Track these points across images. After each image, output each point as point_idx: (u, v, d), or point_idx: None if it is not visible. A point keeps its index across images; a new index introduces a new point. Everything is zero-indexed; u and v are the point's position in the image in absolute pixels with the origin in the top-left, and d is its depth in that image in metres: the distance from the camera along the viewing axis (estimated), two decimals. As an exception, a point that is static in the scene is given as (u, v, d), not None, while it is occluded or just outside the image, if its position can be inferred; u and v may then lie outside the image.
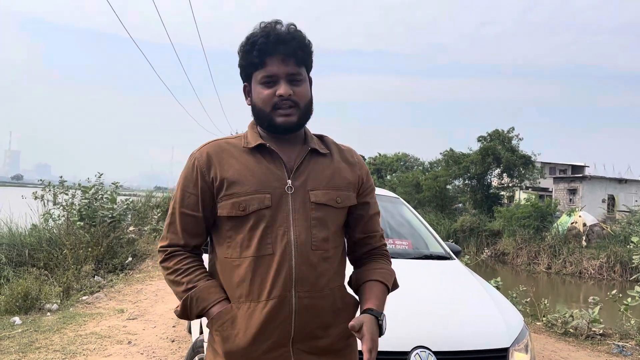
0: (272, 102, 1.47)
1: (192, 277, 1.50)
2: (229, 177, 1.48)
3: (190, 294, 1.47)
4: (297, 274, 1.43)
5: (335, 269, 1.53)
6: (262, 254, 1.43)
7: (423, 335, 2.37)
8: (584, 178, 32.61)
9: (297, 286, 1.43)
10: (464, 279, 3.23)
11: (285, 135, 1.54)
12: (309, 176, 1.51)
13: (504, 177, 30.32)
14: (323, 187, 1.51)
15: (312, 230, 1.47)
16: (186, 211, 1.52)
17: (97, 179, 10.62)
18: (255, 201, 1.44)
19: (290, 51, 1.47)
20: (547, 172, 38.53)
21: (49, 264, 7.74)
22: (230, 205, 1.46)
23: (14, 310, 5.79)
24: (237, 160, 1.51)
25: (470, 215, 26.94)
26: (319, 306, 1.46)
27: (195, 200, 1.51)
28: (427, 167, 40.31)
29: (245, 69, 1.54)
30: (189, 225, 1.53)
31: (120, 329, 5.21)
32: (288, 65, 1.47)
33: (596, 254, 19.89)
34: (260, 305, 1.42)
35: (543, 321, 6.77)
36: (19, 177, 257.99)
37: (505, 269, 21.31)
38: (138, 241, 11.24)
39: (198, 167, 1.51)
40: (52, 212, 10.41)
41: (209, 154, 1.52)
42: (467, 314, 2.75)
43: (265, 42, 1.45)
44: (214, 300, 1.47)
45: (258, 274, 1.43)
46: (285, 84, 1.47)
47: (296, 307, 1.43)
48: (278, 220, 1.44)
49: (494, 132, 30.09)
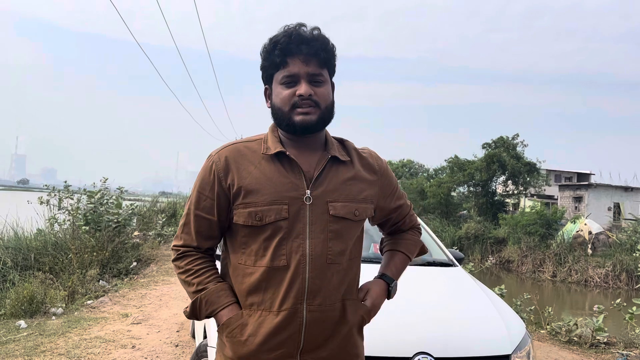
0: (291, 102, 1.45)
1: (203, 278, 1.50)
2: (246, 185, 1.45)
3: (200, 296, 1.48)
4: (310, 287, 1.42)
5: (351, 282, 1.53)
6: (276, 265, 1.41)
7: (425, 341, 2.38)
8: (590, 186, 32.47)
9: (309, 299, 1.42)
10: (467, 285, 3.24)
11: (304, 136, 1.50)
12: (329, 186, 1.48)
13: (508, 184, 30.26)
14: (342, 199, 1.48)
15: (329, 243, 1.44)
16: (201, 214, 1.51)
17: (102, 184, 10.66)
18: (272, 212, 1.42)
19: (312, 51, 1.45)
20: (553, 180, 38.39)
21: (54, 268, 7.78)
22: (247, 214, 1.44)
23: (19, 314, 5.82)
24: (256, 168, 1.48)
25: (475, 223, 26.87)
26: (329, 318, 1.45)
27: (210, 204, 1.50)
28: (432, 173, 40.28)
29: (267, 70, 1.51)
30: (203, 228, 1.52)
31: (125, 333, 5.23)
32: (309, 66, 1.45)
33: (602, 262, 19.80)
34: (272, 316, 1.41)
35: (547, 329, 6.74)
36: (25, 182, 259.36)
37: (510, 277, 21.22)
38: (143, 246, 11.28)
39: (215, 172, 1.49)
40: (58, 217, 10.47)
41: (227, 158, 1.49)
42: (469, 320, 2.76)
43: (288, 41, 1.44)
44: (224, 304, 1.46)
45: (271, 285, 1.42)
46: (306, 84, 1.44)
47: (307, 320, 1.42)
48: (294, 232, 1.42)
49: (499, 139, 30.08)
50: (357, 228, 1.53)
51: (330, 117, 1.52)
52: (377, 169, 1.61)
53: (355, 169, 1.56)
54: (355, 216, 1.49)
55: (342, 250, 1.47)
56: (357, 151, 1.62)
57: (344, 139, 1.63)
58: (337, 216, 1.46)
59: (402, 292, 2.89)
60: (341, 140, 1.62)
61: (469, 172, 29.59)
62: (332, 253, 1.45)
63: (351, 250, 1.52)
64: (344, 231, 1.48)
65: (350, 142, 1.63)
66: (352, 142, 1.64)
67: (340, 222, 1.47)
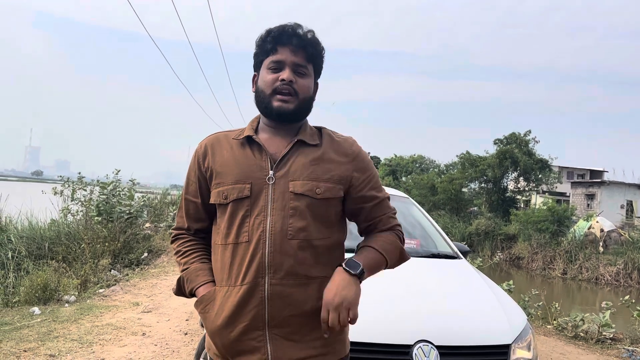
0: (273, 86, 1.55)
1: (189, 259, 1.64)
2: (217, 167, 1.59)
3: (182, 275, 1.63)
4: (269, 261, 1.46)
5: (318, 259, 1.53)
6: (240, 241, 1.50)
7: (426, 330, 2.43)
8: (603, 183, 32.18)
9: (270, 273, 1.46)
10: (469, 277, 3.28)
11: (280, 123, 1.59)
12: (292, 167, 1.54)
13: (520, 181, 30.06)
14: (303, 177, 1.53)
15: (289, 220, 1.49)
16: (189, 197, 1.67)
17: (114, 176, 10.81)
18: (235, 191, 1.52)
19: (302, 44, 1.55)
20: (565, 177, 38.10)
21: (67, 258, 7.93)
22: (217, 194, 1.56)
23: (33, 301, 5.96)
24: (227, 151, 1.60)
25: (486, 219, 26.72)
26: (294, 294, 1.48)
27: (195, 188, 1.65)
28: (443, 169, 40.11)
29: (258, 56, 1.62)
30: (191, 211, 1.68)
31: (135, 321, 5.34)
32: (297, 56, 1.55)
33: (613, 260, 19.64)
34: (235, 290, 1.48)
35: (554, 324, 6.75)
36: (38, 173, 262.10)
37: (520, 274, 21.13)
38: (154, 237, 11.42)
39: (197, 158, 1.65)
40: (71, 207, 10.64)
41: (206, 145, 1.64)
42: (470, 310, 2.80)
43: (281, 32, 1.55)
44: (201, 282, 1.58)
45: (236, 260, 1.50)
46: (290, 71, 1.54)
47: (268, 293, 1.46)
48: (256, 210, 1.50)
49: (511, 135, 29.88)
50: (322, 206, 1.53)
51: (308, 110, 1.62)
52: (350, 152, 1.63)
53: (322, 150, 1.59)
54: (316, 194, 1.52)
55: (304, 226, 1.50)
56: (331, 136, 1.66)
57: (322, 127, 1.69)
58: (297, 193, 1.51)
59: (405, 282, 2.96)
60: (319, 128, 1.69)
61: (480, 168, 29.42)
62: (293, 229, 1.49)
63: (318, 228, 1.53)
64: (305, 208, 1.51)
65: (327, 129, 1.69)
66: (330, 130, 1.70)
67: (301, 199, 1.51)
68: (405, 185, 37.44)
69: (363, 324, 1.73)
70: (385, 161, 48.85)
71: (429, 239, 4.05)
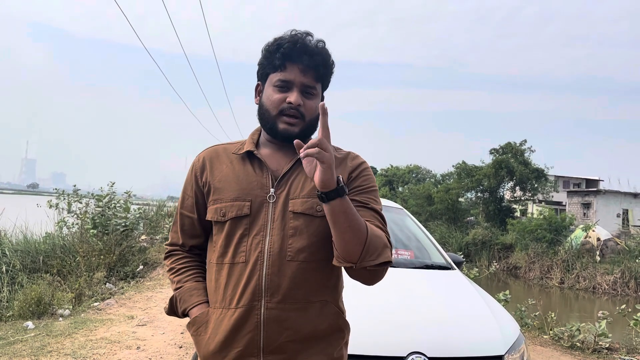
0: (280, 107, 1.47)
1: (182, 277, 1.57)
2: (215, 182, 1.52)
3: (175, 294, 1.55)
4: (267, 284, 1.39)
5: (319, 282, 1.45)
6: (237, 261, 1.43)
7: (418, 341, 2.43)
8: (599, 192, 32.29)
9: (267, 296, 1.39)
10: (463, 288, 3.28)
11: (283, 143, 1.53)
12: (292, 185, 1.48)
13: (516, 190, 30.16)
14: (303, 195, 1.46)
15: (289, 240, 1.42)
16: (184, 212, 1.60)
17: (109, 188, 10.79)
18: (234, 208, 1.46)
19: (312, 64, 1.47)
20: (561, 186, 38.23)
21: (62, 271, 7.89)
22: (214, 210, 1.49)
23: (27, 315, 5.92)
24: (227, 167, 1.54)
25: (483, 229, 26.77)
26: (292, 318, 1.40)
27: (191, 203, 1.58)
28: (439, 179, 40.20)
29: (264, 68, 1.53)
30: (187, 226, 1.61)
31: (130, 334, 5.31)
32: (306, 76, 1.47)
33: (610, 269, 19.67)
34: (230, 313, 1.41)
35: (550, 334, 6.74)
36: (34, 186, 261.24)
37: (518, 283, 21.12)
38: (149, 250, 11.38)
39: (194, 171, 1.58)
40: (67, 220, 10.61)
41: (204, 158, 1.58)
42: (463, 321, 2.80)
43: (292, 48, 1.45)
44: (194, 302, 1.50)
45: (231, 282, 1.43)
46: (298, 93, 1.47)
47: (264, 318, 1.39)
48: (255, 229, 1.44)
49: (507, 145, 30.03)
50: (322, 225, 1.43)
51: (313, 130, 1.53)
52: (350, 165, 1.56)
53: None
54: (317, 212, 1.45)
55: (304, 246, 1.43)
56: (339, 152, 1.61)
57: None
58: (297, 212, 1.45)
59: (398, 293, 2.96)
60: None
61: (476, 178, 29.53)
62: (292, 250, 1.42)
63: (319, 249, 1.44)
64: (305, 227, 1.44)
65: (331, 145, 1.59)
66: (333, 146, 1.58)
67: (300, 218, 1.45)
68: (402, 195, 37.50)
69: (356, 336, 1.73)
70: (382, 172, 48.95)
71: (423, 250, 4.06)
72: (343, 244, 1.32)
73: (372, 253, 1.34)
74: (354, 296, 2.18)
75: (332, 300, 1.49)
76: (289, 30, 1.50)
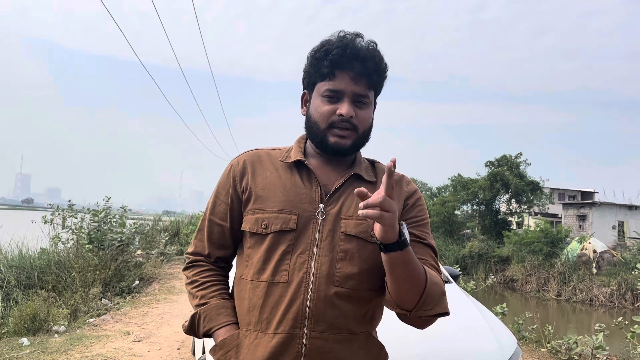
0: (330, 120, 1.34)
1: (207, 292, 1.40)
2: (258, 189, 1.37)
3: (200, 311, 1.37)
4: (311, 309, 1.26)
5: (363, 313, 1.33)
6: (277, 280, 1.29)
7: (416, 355, 2.44)
8: (594, 204, 32.40)
9: (310, 323, 1.26)
10: (460, 301, 3.29)
11: (334, 157, 1.41)
12: (345, 203, 1.35)
13: (512, 203, 30.26)
14: (357, 217, 1.31)
15: (337, 264, 1.29)
16: (215, 219, 1.44)
17: (105, 203, 10.77)
18: (279, 221, 1.31)
19: (364, 70, 1.34)
20: (556, 198, 38.34)
21: (57, 287, 7.84)
22: (254, 220, 1.35)
23: (22, 332, 5.88)
24: (272, 174, 1.40)
25: (479, 241, 26.82)
26: (336, 350, 1.27)
27: (224, 209, 1.43)
28: (435, 192, 40.29)
29: (310, 76, 1.40)
30: (215, 235, 1.45)
31: (126, 350, 5.27)
32: (358, 85, 1.34)
33: (607, 281, 19.71)
34: (267, 338, 1.27)
35: (547, 347, 6.73)
36: (29, 201, 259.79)
37: (515, 296, 21.11)
38: (145, 265, 11.33)
39: (232, 175, 1.43)
40: (61, 236, 10.57)
41: (245, 162, 1.43)
42: (460, 334, 2.80)
43: (341, 54, 1.32)
44: (222, 322, 1.35)
45: (269, 303, 1.28)
46: (349, 104, 1.33)
47: (306, 347, 1.25)
48: (300, 246, 1.30)
49: (502, 158, 30.19)
50: (375, 252, 1.29)
51: (365, 141, 1.41)
52: (405, 191, 1.44)
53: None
54: (371, 236, 1.32)
55: (353, 273, 1.30)
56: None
57: (376, 161, 1.51)
58: (349, 234, 1.32)
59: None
60: (372, 162, 1.50)
61: (472, 190, 29.65)
62: (341, 275, 1.29)
63: (369, 277, 1.32)
64: (356, 252, 1.31)
65: (382, 164, 1.50)
66: (384, 165, 1.49)
67: (353, 241, 1.32)
68: (398, 208, 37.44)
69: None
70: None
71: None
72: (399, 292, 1.24)
73: (429, 303, 1.25)
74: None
75: (374, 333, 1.42)
76: (337, 32, 1.37)
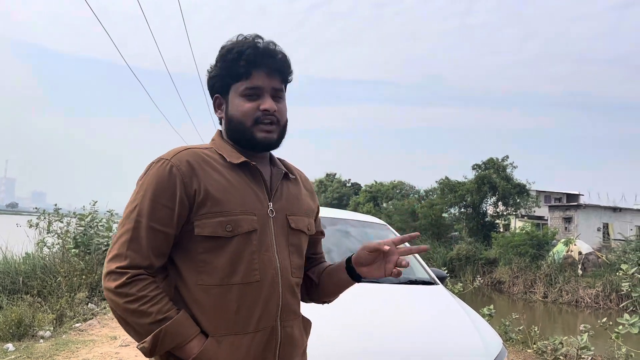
0: (254, 116, 1.38)
1: (161, 306, 1.25)
2: (213, 192, 1.31)
3: (163, 327, 1.23)
4: (283, 302, 1.35)
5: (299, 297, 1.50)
6: (249, 281, 1.30)
7: (403, 355, 2.45)
8: (579, 206, 32.78)
9: (282, 315, 1.35)
10: (446, 302, 3.32)
11: (260, 153, 1.45)
12: (286, 201, 1.45)
13: (499, 205, 30.49)
14: (299, 213, 1.46)
15: (291, 257, 1.41)
16: (156, 226, 1.28)
17: (91, 207, 10.68)
18: (245, 222, 1.31)
19: (277, 66, 1.41)
20: (542, 201, 38.71)
21: (42, 292, 7.75)
22: (216, 224, 1.29)
23: (7, 337, 5.80)
24: (220, 175, 1.35)
25: (466, 244, 26.99)
26: (296, 336, 1.41)
27: (168, 214, 1.29)
28: (423, 195, 40.49)
29: (223, 79, 1.42)
30: (159, 243, 1.29)
31: (113, 355, 5.23)
32: (273, 80, 1.40)
33: (592, 282, 19.92)
34: (247, 338, 1.29)
35: (534, 348, 6.80)
36: (14, 205, 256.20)
37: (502, 298, 21.26)
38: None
39: (178, 176, 1.30)
40: (47, 240, 10.45)
41: (189, 162, 1.33)
42: (446, 334, 2.82)
43: (254, 53, 1.37)
44: (191, 335, 1.26)
45: (245, 303, 1.29)
46: (270, 99, 1.39)
47: (281, 339, 1.34)
48: (264, 245, 1.34)
49: (489, 161, 30.42)
50: (307, 243, 1.52)
51: (285, 133, 1.47)
52: (309, 188, 1.63)
53: (300, 186, 1.56)
54: (308, 230, 1.49)
55: (300, 264, 1.46)
56: (296, 169, 1.62)
57: (281, 158, 1.58)
58: (296, 229, 1.43)
59: (381, 308, 2.98)
60: (280, 159, 1.57)
61: (459, 193, 29.82)
62: (295, 266, 1.42)
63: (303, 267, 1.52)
64: (300, 245, 1.46)
65: (285, 160, 1.60)
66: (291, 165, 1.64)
67: (298, 235, 1.45)
68: (387, 211, 37.61)
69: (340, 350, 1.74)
70: (366, 187, 49.13)
71: (407, 265, 4.08)
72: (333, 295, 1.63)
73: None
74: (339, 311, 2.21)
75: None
76: (236, 37, 1.43)
